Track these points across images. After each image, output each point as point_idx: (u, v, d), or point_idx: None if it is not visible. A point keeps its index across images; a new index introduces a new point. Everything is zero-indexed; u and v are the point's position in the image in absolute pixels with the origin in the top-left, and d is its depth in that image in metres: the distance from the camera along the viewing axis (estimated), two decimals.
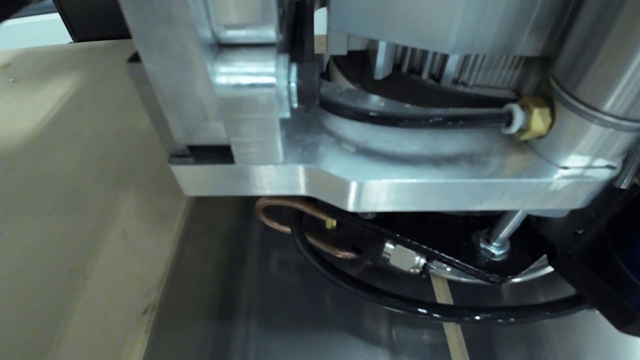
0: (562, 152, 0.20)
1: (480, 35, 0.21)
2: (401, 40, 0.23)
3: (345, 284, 0.36)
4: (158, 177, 0.57)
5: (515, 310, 0.33)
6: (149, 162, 0.59)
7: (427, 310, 0.33)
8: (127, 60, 0.16)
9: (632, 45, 0.16)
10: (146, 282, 0.44)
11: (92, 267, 0.46)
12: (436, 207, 0.22)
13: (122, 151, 0.61)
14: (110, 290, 0.44)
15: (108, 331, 0.40)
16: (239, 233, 0.49)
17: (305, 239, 0.40)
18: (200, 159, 0.20)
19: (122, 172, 0.57)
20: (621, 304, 0.26)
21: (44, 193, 0.54)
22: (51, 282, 0.44)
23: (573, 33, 0.18)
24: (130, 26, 0.14)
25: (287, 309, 0.42)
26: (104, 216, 0.51)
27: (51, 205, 0.53)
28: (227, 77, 0.16)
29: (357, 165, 0.21)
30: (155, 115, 0.18)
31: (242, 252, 0.47)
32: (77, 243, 0.48)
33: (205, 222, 0.51)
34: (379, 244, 0.36)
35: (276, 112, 0.17)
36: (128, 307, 0.42)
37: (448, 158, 0.22)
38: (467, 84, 0.25)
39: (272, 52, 0.16)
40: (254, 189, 0.22)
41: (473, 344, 0.38)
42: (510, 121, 0.20)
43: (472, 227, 0.34)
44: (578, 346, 0.39)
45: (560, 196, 0.21)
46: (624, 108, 0.17)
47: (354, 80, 0.30)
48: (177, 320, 0.41)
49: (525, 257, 0.32)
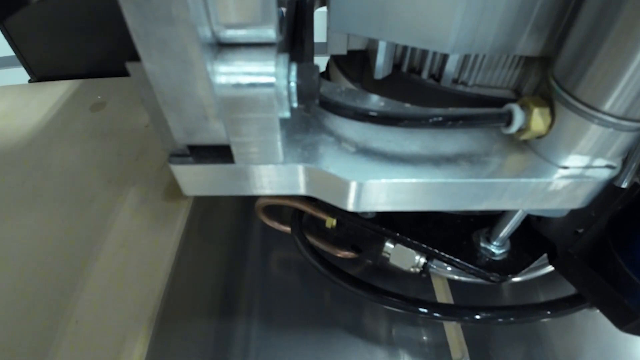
0: (561, 152, 0.20)
1: (480, 35, 0.21)
2: (401, 40, 0.23)
3: (345, 283, 0.36)
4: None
5: (515, 310, 0.33)
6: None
7: (427, 310, 0.34)
8: (127, 60, 0.16)
9: (631, 45, 0.16)
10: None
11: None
12: (436, 207, 0.22)
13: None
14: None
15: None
16: (239, 233, 0.50)
17: (305, 238, 0.40)
18: (200, 159, 0.20)
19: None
20: (621, 303, 0.26)
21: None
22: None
23: (573, 33, 0.18)
24: (130, 26, 0.14)
25: (287, 309, 0.42)
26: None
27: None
28: (227, 76, 0.16)
29: (356, 165, 0.21)
30: (155, 115, 0.18)
31: (242, 252, 0.47)
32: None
33: (205, 221, 0.51)
34: (379, 243, 0.36)
35: (276, 112, 0.17)
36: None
37: (448, 158, 0.22)
38: (467, 83, 0.25)
39: (272, 52, 0.16)
40: (254, 189, 0.22)
41: (473, 343, 0.39)
42: (510, 121, 0.20)
43: (472, 226, 0.34)
44: (578, 346, 0.39)
45: (560, 196, 0.21)
46: (624, 108, 0.17)
47: (354, 80, 0.30)
48: (177, 320, 0.41)
49: (526, 257, 0.32)
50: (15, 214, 0.52)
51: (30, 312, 0.42)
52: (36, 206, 0.53)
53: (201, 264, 0.46)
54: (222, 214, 0.52)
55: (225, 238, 0.49)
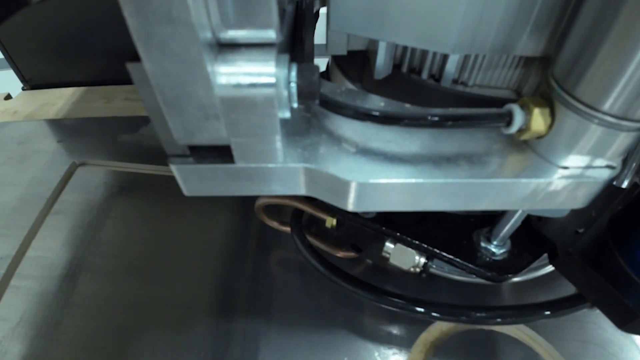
0: (561, 152, 0.20)
1: (480, 35, 0.21)
2: (401, 40, 0.23)
3: (345, 283, 0.36)
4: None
5: (515, 310, 0.33)
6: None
7: (426, 310, 0.34)
8: (127, 60, 0.16)
9: (631, 45, 0.16)
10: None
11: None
12: (436, 207, 0.22)
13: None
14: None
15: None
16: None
17: (305, 238, 0.40)
18: (200, 159, 0.20)
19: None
20: (622, 302, 0.26)
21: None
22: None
23: (573, 33, 0.18)
24: (131, 27, 0.14)
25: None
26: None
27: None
28: (228, 77, 0.16)
29: (356, 165, 0.21)
30: (155, 115, 0.18)
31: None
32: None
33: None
34: (379, 243, 0.36)
35: (276, 112, 0.17)
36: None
37: (448, 158, 0.22)
38: (467, 83, 0.25)
39: (273, 52, 0.16)
40: (254, 189, 0.22)
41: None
42: (510, 121, 0.20)
43: (473, 226, 0.34)
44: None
45: (560, 196, 0.21)
46: (624, 108, 0.17)
47: (354, 80, 0.30)
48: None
49: (526, 256, 0.32)
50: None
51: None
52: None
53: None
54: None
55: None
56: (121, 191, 0.55)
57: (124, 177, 0.57)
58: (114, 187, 0.55)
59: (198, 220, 0.51)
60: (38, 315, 0.42)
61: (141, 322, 0.41)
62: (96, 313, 0.42)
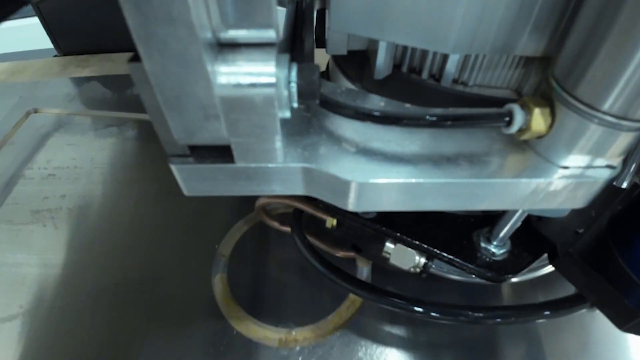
0: (562, 151, 0.20)
1: (480, 35, 0.21)
2: (401, 40, 0.23)
3: (345, 283, 0.36)
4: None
5: (515, 310, 0.33)
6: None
7: (425, 310, 0.34)
8: (127, 60, 0.16)
9: (631, 45, 0.16)
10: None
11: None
12: (436, 207, 0.22)
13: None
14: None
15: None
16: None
17: (305, 238, 0.40)
18: (201, 159, 0.20)
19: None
20: (622, 302, 0.26)
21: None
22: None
23: (573, 33, 0.18)
24: (131, 27, 0.14)
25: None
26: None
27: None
28: (228, 77, 0.16)
29: (357, 165, 0.21)
30: (155, 115, 0.18)
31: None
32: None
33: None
34: (379, 243, 0.36)
35: (276, 112, 0.17)
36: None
37: (448, 158, 0.22)
38: (467, 83, 0.25)
39: (273, 52, 0.16)
40: (254, 189, 0.22)
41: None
42: (511, 121, 0.20)
43: (473, 226, 0.34)
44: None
45: (561, 196, 0.21)
46: (624, 108, 0.17)
47: (354, 80, 0.30)
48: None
49: (526, 256, 0.32)
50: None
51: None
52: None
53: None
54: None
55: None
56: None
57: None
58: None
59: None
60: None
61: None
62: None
